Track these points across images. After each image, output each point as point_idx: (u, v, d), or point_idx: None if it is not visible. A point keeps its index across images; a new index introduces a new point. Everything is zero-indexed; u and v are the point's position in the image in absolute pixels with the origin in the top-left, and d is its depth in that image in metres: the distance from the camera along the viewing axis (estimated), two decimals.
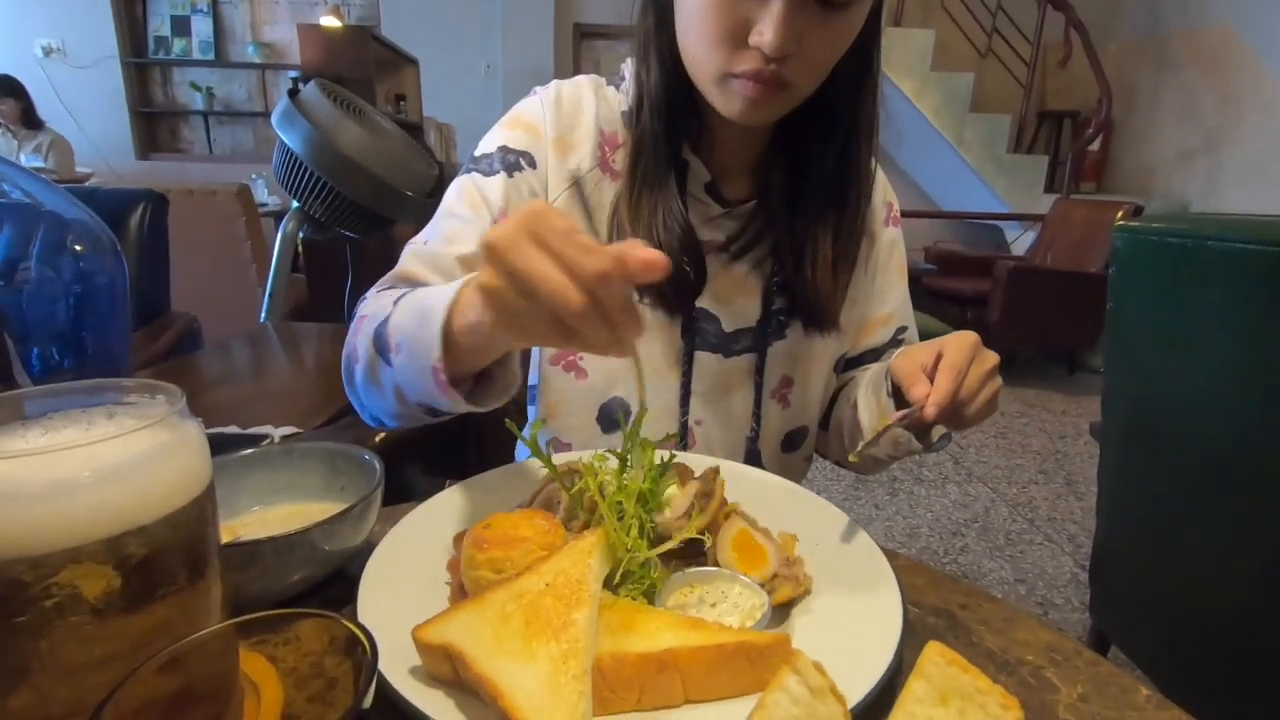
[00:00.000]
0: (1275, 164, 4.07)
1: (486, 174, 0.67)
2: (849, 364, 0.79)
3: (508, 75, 4.98)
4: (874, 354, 0.78)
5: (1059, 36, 4.56)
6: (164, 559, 0.28)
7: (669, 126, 0.65)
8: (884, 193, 0.78)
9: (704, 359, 0.70)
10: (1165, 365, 1.14)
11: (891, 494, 2.51)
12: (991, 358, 0.57)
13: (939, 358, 0.55)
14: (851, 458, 0.59)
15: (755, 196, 0.70)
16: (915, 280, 3.95)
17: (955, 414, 0.55)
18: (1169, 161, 4.87)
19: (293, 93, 1.70)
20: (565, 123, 0.69)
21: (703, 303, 0.69)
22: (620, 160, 0.68)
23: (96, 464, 0.26)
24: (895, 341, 0.78)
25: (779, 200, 0.69)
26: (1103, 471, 1.32)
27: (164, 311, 1.69)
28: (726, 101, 0.60)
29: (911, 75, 4.54)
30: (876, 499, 2.47)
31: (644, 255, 0.35)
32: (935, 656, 0.32)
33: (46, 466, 0.26)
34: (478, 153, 0.69)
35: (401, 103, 4.25)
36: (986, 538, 2.23)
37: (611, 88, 0.71)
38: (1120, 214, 3.60)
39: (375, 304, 0.59)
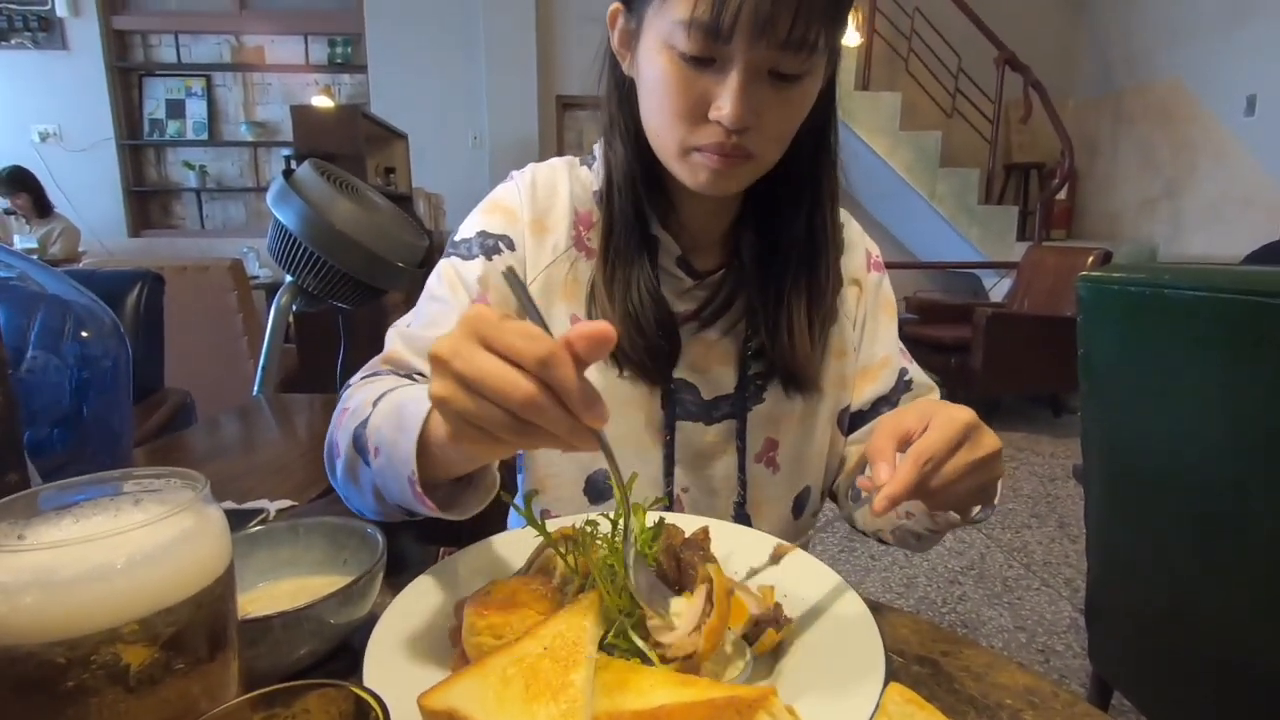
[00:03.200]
0: (1231, 207, 4.26)
1: (465, 258, 0.70)
2: (861, 418, 0.79)
3: (494, 146, 5.16)
4: (885, 401, 0.79)
5: (1019, 94, 4.80)
6: (189, 636, 0.30)
7: (637, 203, 0.68)
8: (862, 241, 0.81)
9: (686, 428, 0.72)
10: (1137, 407, 1.18)
11: (885, 545, 2.50)
12: (987, 444, 0.50)
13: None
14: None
15: (725, 266, 0.72)
16: (898, 329, 4.04)
17: (932, 501, 0.52)
18: (1133, 208, 5.07)
19: (287, 172, 1.77)
20: (541, 205, 0.72)
21: (680, 373, 0.71)
22: (595, 238, 0.71)
23: (130, 550, 0.29)
24: (903, 384, 0.79)
25: (749, 268, 0.71)
26: (1088, 514, 1.34)
27: (158, 388, 1.71)
28: (691, 174, 0.62)
29: (882, 135, 4.74)
30: (872, 550, 2.46)
31: (589, 330, 0.35)
32: (895, 696, 0.35)
33: (83, 554, 0.29)
34: (457, 237, 0.72)
35: (391, 175, 4.38)
36: (984, 585, 2.23)
37: (585, 168, 0.74)
38: (1091, 259, 3.72)
39: (357, 396, 0.61)
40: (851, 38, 4.33)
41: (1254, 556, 1.00)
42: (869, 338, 0.79)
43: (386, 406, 0.53)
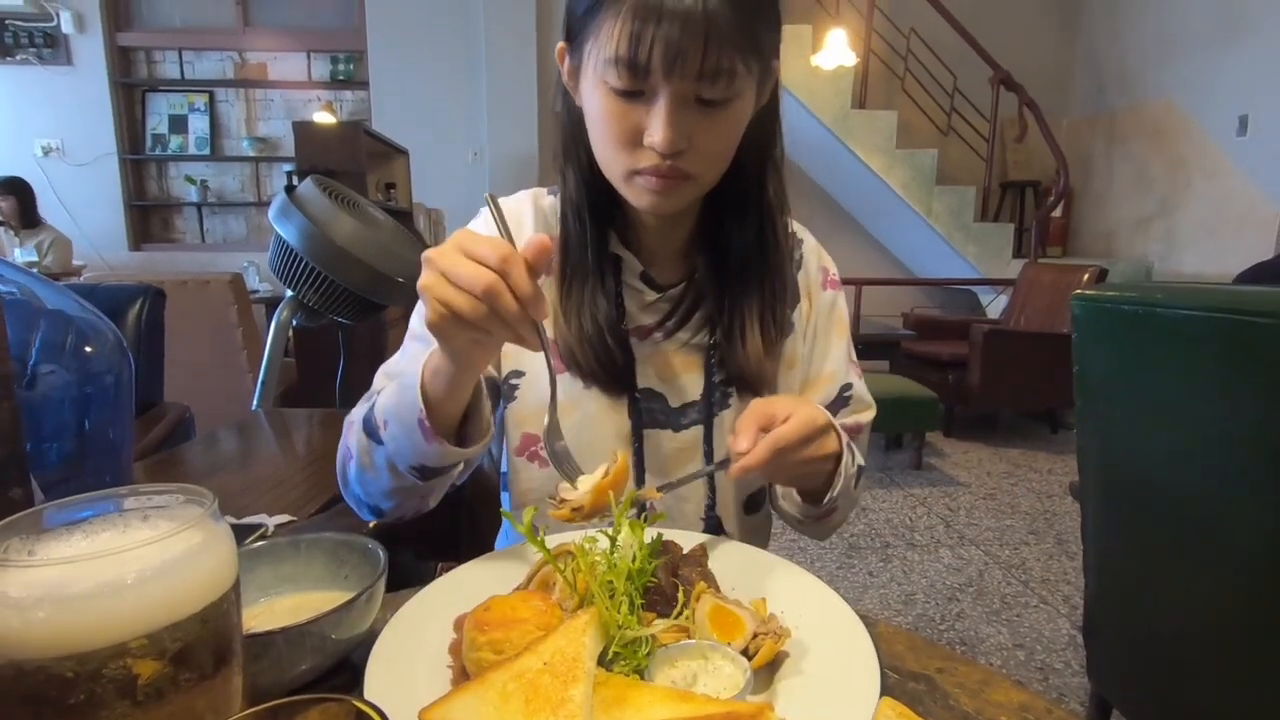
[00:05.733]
0: (1225, 225, 4.30)
1: None
2: None
3: (494, 161, 5.19)
4: None
5: (1014, 113, 4.86)
6: (195, 651, 0.31)
7: (591, 225, 0.72)
8: (819, 258, 0.83)
9: (655, 436, 0.75)
10: (1132, 424, 1.19)
11: (885, 560, 2.50)
12: (829, 447, 0.62)
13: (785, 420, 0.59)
14: (657, 490, 0.65)
15: (687, 279, 0.76)
16: (895, 345, 4.08)
17: (774, 477, 0.65)
18: (1129, 226, 5.11)
19: (289, 189, 1.78)
20: (509, 235, 0.76)
21: (647, 383, 0.75)
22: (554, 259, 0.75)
23: (140, 566, 0.29)
24: (842, 399, 0.82)
25: (707, 278, 0.75)
26: (1085, 531, 1.34)
27: (157, 402, 1.71)
28: (636, 197, 0.66)
29: (878, 153, 4.79)
30: (870, 566, 2.46)
31: (534, 242, 0.50)
32: (888, 711, 0.35)
33: (93, 570, 0.29)
34: None
35: (391, 190, 4.40)
36: (982, 602, 2.22)
37: (551, 196, 0.79)
38: (1086, 277, 3.75)
39: (359, 410, 0.69)
40: (848, 57, 4.38)
41: (1250, 572, 1.00)
42: (819, 354, 0.82)
43: (386, 390, 0.64)
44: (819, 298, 0.82)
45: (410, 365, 0.71)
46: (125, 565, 0.29)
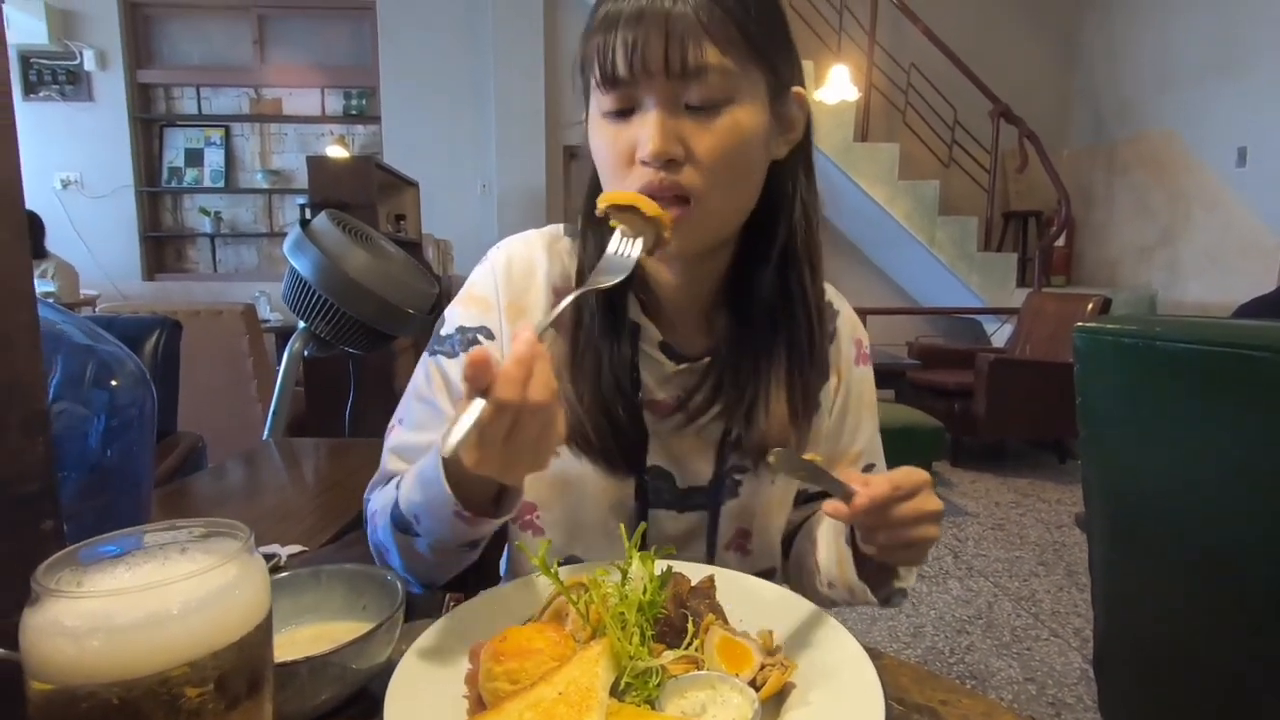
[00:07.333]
0: (1227, 255, 4.32)
1: (449, 356, 0.71)
2: (812, 496, 0.79)
3: (503, 193, 5.29)
4: None
5: (1014, 144, 4.92)
6: (232, 679, 0.32)
7: (609, 292, 0.64)
8: (853, 329, 0.78)
9: (659, 516, 0.70)
10: (1136, 455, 1.19)
11: None
12: (936, 503, 0.56)
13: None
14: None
15: (711, 352, 0.69)
16: (901, 375, 4.08)
17: (878, 538, 0.56)
18: (1132, 255, 5.14)
19: (304, 223, 1.83)
20: (517, 287, 0.71)
21: (656, 460, 0.70)
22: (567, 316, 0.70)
23: (184, 597, 0.31)
24: None
25: (728, 344, 0.68)
26: (1093, 562, 1.34)
27: (172, 432, 1.74)
28: None
29: (881, 185, 4.85)
30: None
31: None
32: None
33: (139, 601, 0.31)
34: (442, 332, 0.72)
35: (401, 222, 4.47)
36: (992, 634, 2.20)
37: (568, 238, 0.73)
38: (1090, 306, 3.77)
39: (376, 502, 0.68)
40: (850, 92, 4.46)
41: (1257, 605, 1.00)
42: (849, 431, 0.77)
43: (405, 484, 0.61)
44: (850, 373, 0.77)
45: (417, 437, 0.69)
46: (170, 597, 0.31)
